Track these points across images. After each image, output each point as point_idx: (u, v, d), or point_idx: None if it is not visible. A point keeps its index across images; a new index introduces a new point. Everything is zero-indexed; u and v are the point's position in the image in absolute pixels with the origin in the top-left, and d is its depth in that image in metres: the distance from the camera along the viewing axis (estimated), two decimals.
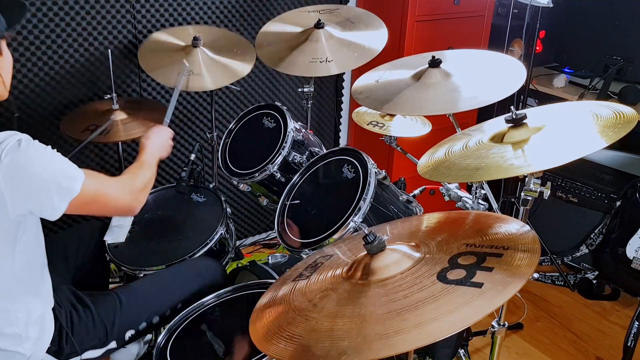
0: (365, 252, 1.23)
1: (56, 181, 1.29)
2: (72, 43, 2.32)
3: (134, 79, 2.51)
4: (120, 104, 2.23)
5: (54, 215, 1.31)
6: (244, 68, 2.23)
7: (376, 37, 2.21)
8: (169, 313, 1.68)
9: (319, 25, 2.22)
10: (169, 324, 1.60)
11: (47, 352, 1.44)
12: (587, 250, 2.81)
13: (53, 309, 1.46)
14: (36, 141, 1.30)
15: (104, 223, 1.98)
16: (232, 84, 2.26)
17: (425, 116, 2.27)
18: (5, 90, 1.41)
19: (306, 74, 2.18)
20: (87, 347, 1.52)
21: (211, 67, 2.20)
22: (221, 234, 1.99)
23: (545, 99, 2.93)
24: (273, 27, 2.37)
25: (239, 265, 2.23)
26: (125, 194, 1.50)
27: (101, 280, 1.94)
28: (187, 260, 1.85)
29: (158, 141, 1.79)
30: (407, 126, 2.25)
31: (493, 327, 1.55)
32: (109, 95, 2.23)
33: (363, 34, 2.24)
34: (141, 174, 1.61)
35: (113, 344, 1.57)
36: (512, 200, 2.84)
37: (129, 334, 1.60)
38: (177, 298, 1.69)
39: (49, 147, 1.33)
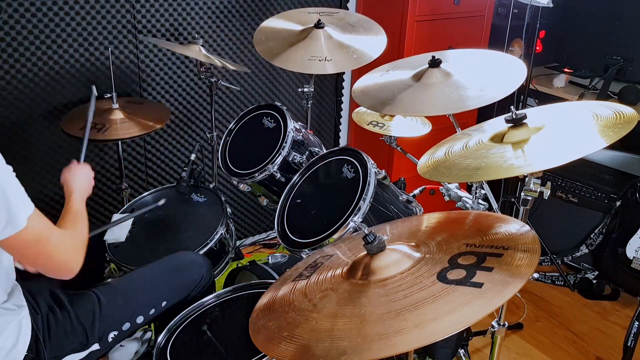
0: (365, 252, 1.23)
1: (7, 201, 1.19)
2: (72, 43, 2.32)
3: (134, 79, 2.51)
4: (120, 103, 2.23)
5: None
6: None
7: (375, 42, 2.23)
8: (154, 312, 1.61)
9: (319, 25, 2.23)
10: (169, 324, 1.60)
11: (24, 359, 1.38)
12: (587, 250, 2.81)
13: (30, 315, 1.40)
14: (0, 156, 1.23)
15: (94, 225, 1.93)
16: (232, 83, 2.27)
17: (425, 116, 2.28)
18: None
19: (303, 71, 2.17)
20: (66, 351, 1.46)
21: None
22: (221, 234, 1.99)
23: (545, 99, 2.93)
24: (273, 23, 2.37)
25: (239, 265, 2.23)
26: (68, 252, 1.35)
27: (95, 282, 1.90)
28: (170, 256, 1.76)
29: (83, 182, 1.64)
30: (407, 126, 2.25)
31: (493, 327, 1.55)
32: (109, 94, 2.24)
33: (362, 38, 2.25)
34: (80, 228, 1.46)
35: (95, 347, 1.50)
36: (512, 200, 2.84)
37: (111, 335, 1.53)
38: (161, 296, 1.63)
39: (10, 167, 1.24)
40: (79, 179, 1.64)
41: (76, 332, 1.47)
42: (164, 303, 1.64)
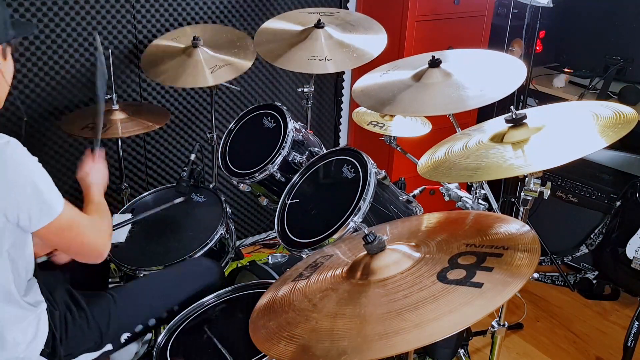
0: (365, 252, 1.23)
1: (39, 191, 1.25)
2: (72, 43, 2.32)
3: (134, 79, 2.51)
4: (120, 104, 2.24)
5: (30, 227, 1.27)
6: (244, 64, 2.25)
7: (375, 40, 2.22)
8: (166, 315, 1.65)
9: (319, 25, 2.23)
10: (169, 324, 1.60)
11: (41, 354, 1.41)
12: (587, 250, 2.81)
13: (47, 310, 1.43)
14: (25, 148, 1.26)
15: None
16: (231, 83, 2.27)
17: (425, 116, 2.28)
18: (3, 96, 1.38)
19: (303, 71, 2.18)
20: (82, 350, 1.49)
21: (212, 64, 2.21)
22: (221, 234, 1.99)
23: (545, 99, 2.92)
24: (273, 24, 2.37)
25: (239, 265, 2.23)
26: (98, 235, 1.42)
27: (100, 281, 1.92)
28: (185, 261, 1.82)
29: (99, 177, 1.67)
30: (407, 126, 2.25)
31: (493, 327, 1.55)
32: (109, 96, 2.24)
33: (363, 37, 2.25)
34: (105, 214, 1.53)
35: (109, 347, 1.54)
36: (512, 200, 2.84)
37: (124, 336, 1.57)
38: (173, 300, 1.67)
39: (36, 158, 1.29)
40: (95, 176, 1.65)
41: (92, 332, 1.50)
42: (175, 307, 1.67)
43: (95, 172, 1.67)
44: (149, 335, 2.03)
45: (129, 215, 2.05)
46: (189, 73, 2.19)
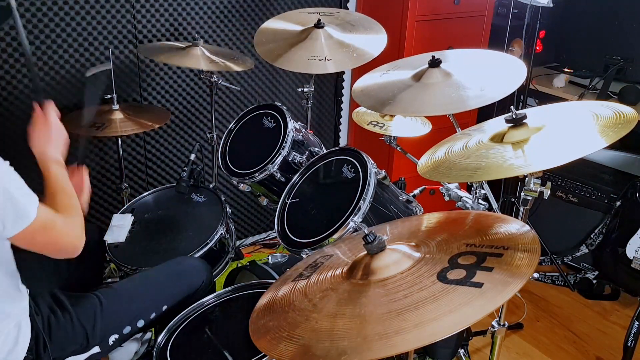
0: (365, 252, 1.23)
1: (12, 198, 1.22)
2: (72, 43, 2.32)
3: (134, 79, 2.51)
4: (120, 105, 2.24)
5: (4, 233, 1.23)
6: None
7: (375, 40, 2.22)
8: (155, 316, 1.62)
9: (319, 24, 2.23)
10: (169, 324, 1.60)
11: None
12: (587, 250, 2.81)
13: (30, 316, 1.40)
14: None
15: (93, 225, 1.93)
16: (232, 83, 2.27)
17: (425, 116, 2.28)
18: None
19: (304, 71, 2.18)
20: (67, 353, 1.46)
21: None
22: (221, 234, 1.99)
23: (545, 99, 2.93)
24: (273, 24, 2.37)
25: (239, 265, 2.23)
26: (72, 234, 1.36)
27: (94, 284, 1.89)
28: (171, 261, 1.77)
29: (58, 145, 1.51)
30: (407, 126, 2.25)
31: (493, 327, 1.55)
32: (109, 95, 2.24)
33: (363, 37, 2.25)
34: (75, 204, 1.43)
35: (96, 349, 1.51)
36: (512, 200, 2.84)
37: (112, 338, 1.54)
38: (162, 300, 1.64)
39: (7, 162, 1.26)
40: (54, 144, 1.50)
41: (77, 334, 1.47)
42: (164, 307, 1.65)
43: (53, 139, 1.49)
44: (149, 335, 2.03)
45: (129, 215, 2.05)
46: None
